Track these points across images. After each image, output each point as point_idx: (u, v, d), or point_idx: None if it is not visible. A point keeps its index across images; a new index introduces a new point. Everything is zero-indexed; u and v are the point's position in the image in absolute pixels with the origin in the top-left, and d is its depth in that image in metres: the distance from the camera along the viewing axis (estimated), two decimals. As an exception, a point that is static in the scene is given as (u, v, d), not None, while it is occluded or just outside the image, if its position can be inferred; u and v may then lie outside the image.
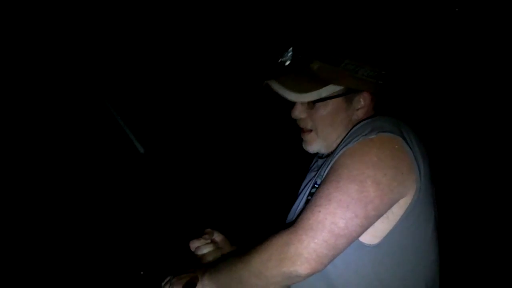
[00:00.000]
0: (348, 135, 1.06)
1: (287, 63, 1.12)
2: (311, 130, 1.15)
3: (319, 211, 0.92)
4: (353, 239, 0.95)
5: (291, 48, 1.11)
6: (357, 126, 1.06)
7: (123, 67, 3.25)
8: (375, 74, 1.08)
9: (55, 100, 3.10)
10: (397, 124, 1.03)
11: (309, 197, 1.08)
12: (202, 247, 1.22)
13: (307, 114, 1.13)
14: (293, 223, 0.95)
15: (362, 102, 1.11)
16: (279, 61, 1.13)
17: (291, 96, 1.08)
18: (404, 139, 0.98)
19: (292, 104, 1.14)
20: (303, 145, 1.19)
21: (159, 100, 3.37)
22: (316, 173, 1.16)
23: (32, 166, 2.95)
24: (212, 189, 3.08)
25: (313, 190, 1.09)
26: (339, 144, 1.08)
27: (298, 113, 1.14)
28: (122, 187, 3.04)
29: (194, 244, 1.22)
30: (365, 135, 0.98)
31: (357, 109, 1.12)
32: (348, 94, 1.09)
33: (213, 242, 1.25)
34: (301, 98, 1.08)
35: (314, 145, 1.16)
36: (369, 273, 1.01)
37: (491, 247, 2.85)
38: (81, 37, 3.18)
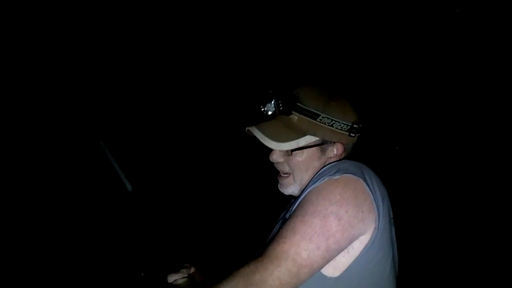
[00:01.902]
0: (316, 175, 1.17)
1: (269, 112, 1.23)
2: (288, 174, 1.25)
3: (284, 242, 1.01)
4: (315, 270, 1.02)
5: (274, 101, 1.22)
6: (324, 168, 1.18)
7: (119, 109, 3.49)
8: (348, 127, 1.20)
9: (51, 136, 3.30)
10: (360, 167, 1.13)
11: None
12: (179, 280, 1.32)
13: (284, 159, 1.24)
14: (261, 253, 1.06)
15: (335, 151, 1.22)
16: (261, 109, 1.24)
17: (272, 144, 1.18)
18: (366, 181, 1.08)
19: (269, 149, 1.24)
20: (279, 187, 1.30)
21: (150, 141, 3.59)
22: (287, 211, 1.29)
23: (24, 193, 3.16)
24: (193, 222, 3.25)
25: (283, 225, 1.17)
26: (307, 184, 1.18)
27: (276, 157, 1.25)
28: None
29: (172, 277, 1.31)
30: (330, 175, 1.08)
31: (330, 157, 1.23)
32: (323, 144, 1.21)
33: (189, 275, 1.35)
34: (281, 147, 1.18)
35: (290, 188, 1.26)
36: None
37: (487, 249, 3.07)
38: (79, 75, 3.43)
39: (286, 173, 1.25)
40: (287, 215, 1.19)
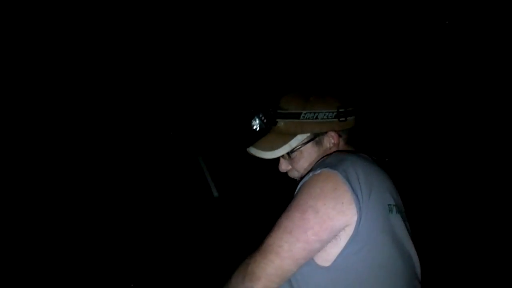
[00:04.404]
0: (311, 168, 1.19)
1: (257, 129, 1.28)
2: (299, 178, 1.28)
3: (271, 236, 1.06)
4: (299, 261, 1.05)
5: (255, 117, 1.28)
6: (315, 165, 1.19)
7: (216, 130, 4.29)
8: (334, 114, 1.20)
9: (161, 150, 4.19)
10: (344, 160, 1.11)
11: None
12: None
13: (291, 165, 1.26)
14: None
15: (332, 140, 1.21)
16: (253, 128, 1.30)
17: (267, 155, 1.23)
18: (346, 173, 1.06)
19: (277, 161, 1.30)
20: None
21: (239, 157, 4.23)
22: None
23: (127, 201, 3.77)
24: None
25: None
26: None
27: (284, 166, 1.28)
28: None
29: None
30: (314, 171, 1.09)
31: (330, 148, 1.23)
32: (315, 138, 1.21)
33: None
34: (275, 154, 1.22)
35: None
36: None
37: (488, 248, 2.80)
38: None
39: (298, 177, 1.29)
40: None
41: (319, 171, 1.07)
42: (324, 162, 1.13)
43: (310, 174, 1.09)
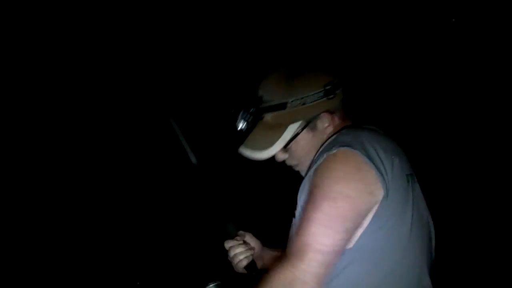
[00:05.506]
0: (318, 153, 1.16)
1: (244, 127, 1.22)
2: (298, 164, 1.26)
3: (303, 234, 1.01)
4: (340, 252, 1.03)
5: (240, 115, 1.21)
6: (324, 145, 1.16)
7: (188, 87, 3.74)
8: (322, 94, 1.17)
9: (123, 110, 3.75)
10: (358, 135, 1.09)
11: (294, 217, 1.20)
12: (235, 247, 1.41)
13: (288, 154, 1.24)
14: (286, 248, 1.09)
15: (326, 121, 1.20)
16: (238, 129, 1.23)
17: (263, 155, 1.19)
18: (365, 150, 1.04)
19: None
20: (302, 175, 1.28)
21: (216, 117, 3.75)
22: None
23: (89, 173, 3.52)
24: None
25: (296, 210, 1.18)
26: (311, 164, 1.16)
27: (280, 157, 1.25)
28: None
29: (228, 244, 1.41)
30: (328, 151, 1.06)
31: (325, 128, 1.20)
32: (309, 124, 1.19)
33: (245, 243, 1.44)
34: (272, 152, 1.19)
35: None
36: (352, 274, 1.08)
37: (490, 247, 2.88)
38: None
39: (296, 164, 1.26)
40: (300, 200, 1.18)
41: (334, 151, 1.04)
42: (336, 140, 1.09)
43: (324, 156, 1.05)
